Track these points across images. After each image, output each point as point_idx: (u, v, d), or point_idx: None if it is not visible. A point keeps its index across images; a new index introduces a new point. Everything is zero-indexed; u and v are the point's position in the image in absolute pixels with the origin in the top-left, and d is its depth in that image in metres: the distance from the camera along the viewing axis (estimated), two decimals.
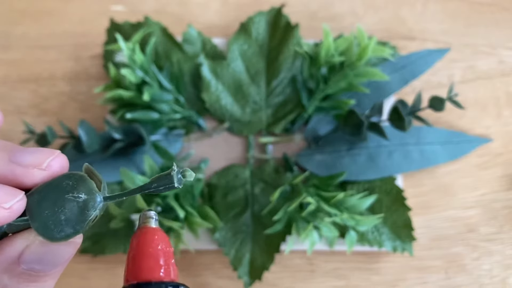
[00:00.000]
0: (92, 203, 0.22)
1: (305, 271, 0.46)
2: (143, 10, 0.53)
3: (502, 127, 0.49)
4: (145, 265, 0.23)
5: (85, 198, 0.22)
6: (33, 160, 0.22)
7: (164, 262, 0.23)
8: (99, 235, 0.44)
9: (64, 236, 0.22)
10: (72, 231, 0.22)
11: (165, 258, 0.23)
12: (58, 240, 0.22)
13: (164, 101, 0.45)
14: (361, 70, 0.43)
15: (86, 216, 0.22)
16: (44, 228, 0.22)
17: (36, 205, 0.22)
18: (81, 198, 0.22)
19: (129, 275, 0.23)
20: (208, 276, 0.45)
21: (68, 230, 0.22)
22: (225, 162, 0.48)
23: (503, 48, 0.52)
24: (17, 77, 0.51)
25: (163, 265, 0.23)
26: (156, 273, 0.23)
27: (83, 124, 0.42)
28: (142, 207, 0.40)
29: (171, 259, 0.23)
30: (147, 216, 0.24)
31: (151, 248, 0.23)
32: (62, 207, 0.22)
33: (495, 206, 0.47)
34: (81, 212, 0.22)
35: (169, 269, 0.23)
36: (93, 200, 0.22)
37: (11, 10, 0.54)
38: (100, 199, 0.22)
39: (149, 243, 0.23)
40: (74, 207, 0.22)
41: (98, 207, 0.22)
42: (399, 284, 0.45)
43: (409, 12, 0.54)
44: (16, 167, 0.22)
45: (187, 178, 0.22)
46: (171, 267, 0.23)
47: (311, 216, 0.40)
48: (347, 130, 0.44)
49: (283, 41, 0.48)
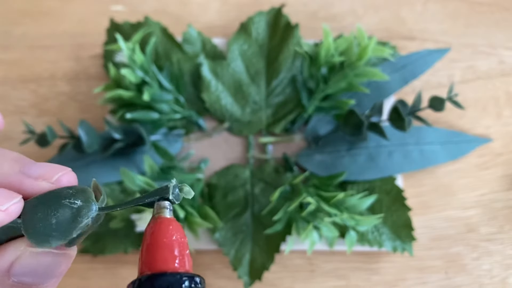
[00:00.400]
0: (86, 210, 0.21)
1: (305, 271, 0.46)
2: (143, 10, 0.53)
3: (502, 127, 0.49)
4: (159, 255, 0.22)
5: (80, 205, 0.21)
6: (43, 173, 0.22)
7: (179, 252, 0.22)
8: (99, 235, 0.44)
9: (51, 241, 0.21)
10: (60, 237, 0.21)
11: (180, 249, 0.23)
12: (43, 245, 0.21)
13: (164, 101, 0.45)
14: (361, 70, 0.43)
15: (77, 223, 0.21)
16: (33, 230, 0.21)
17: (31, 208, 0.22)
18: (77, 204, 0.22)
19: (144, 265, 0.22)
20: (208, 276, 0.45)
21: (56, 235, 0.21)
22: (225, 162, 0.48)
23: (503, 48, 0.52)
24: (17, 77, 0.51)
25: (178, 255, 0.22)
26: (171, 263, 0.22)
27: (83, 124, 0.42)
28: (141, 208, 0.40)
29: (185, 249, 0.23)
30: (161, 206, 0.23)
31: (166, 239, 0.22)
32: (55, 211, 0.21)
33: (495, 206, 0.47)
34: (74, 218, 0.21)
35: (184, 260, 0.22)
36: (88, 208, 0.21)
37: (11, 10, 0.54)
38: (96, 208, 0.22)
39: (164, 233, 0.23)
40: (67, 213, 0.21)
41: (91, 215, 0.22)
42: (399, 284, 0.45)
43: (409, 12, 0.54)
44: (25, 178, 0.22)
45: (185, 194, 0.22)
46: (186, 258, 0.23)
47: (311, 216, 0.40)
48: (347, 130, 0.44)
49: (283, 41, 0.48)
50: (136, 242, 0.44)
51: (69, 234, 0.21)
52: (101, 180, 0.45)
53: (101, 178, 0.45)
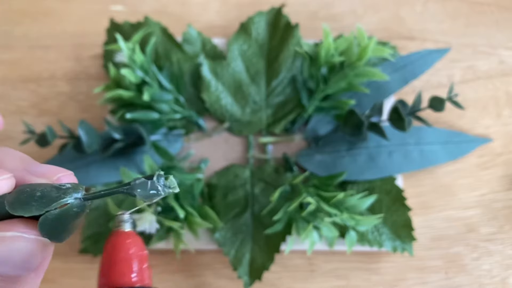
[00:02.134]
0: (72, 191, 0.22)
1: (305, 271, 0.46)
2: (143, 10, 0.53)
3: (502, 127, 0.49)
4: (117, 270, 0.22)
5: (69, 187, 0.22)
6: (46, 172, 0.23)
7: (137, 266, 0.23)
8: (99, 235, 0.44)
9: (27, 209, 0.21)
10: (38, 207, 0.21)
11: (138, 262, 0.23)
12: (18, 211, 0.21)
13: (164, 101, 0.45)
14: (361, 70, 0.43)
15: (59, 198, 0.21)
16: (14, 199, 0.21)
17: (22, 187, 0.22)
18: (65, 186, 0.22)
19: (101, 280, 0.22)
20: (208, 276, 0.45)
21: (36, 205, 0.21)
22: (225, 162, 0.48)
23: (503, 48, 0.52)
24: (17, 77, 0.51)
25: (136, 269, 0.22)
26: (127, 277, 0.22)
27: (83, 124, 0.42)
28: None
29: (144, 263, 0.23)
30: (119, 219, 0.23)
31: (123, 253, 0.23)
32: (44, 187, 0.22)
33: (495, 206, 0.47)
34: (58, 196, 0.21)
35: (142, 273, 0.23)
36: (75, 190, 0.22)
37: (11, 10, 0.54)
38: (81, 194, 0.22)
39: (121, 248, 0.23)
40: (54, 192, 0.21)
41: (76, 196, 0.21)
42: (399, 284, 0.45)
43: (409, 12, 0.54)
44: (29, 175, 0.23)
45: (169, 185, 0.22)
46: (145, 271, 0.23)
47: (311, 216, 0.40)
48: (347, 130, 0.44)
49: (283, 41, 0.48)
50: None
51: (48, 207, 0.21)
52: (101, 180, 0.45)
53: (101, 178, 0.45)
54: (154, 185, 0.21)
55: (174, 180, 0.22)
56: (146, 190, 0.21)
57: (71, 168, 0.23)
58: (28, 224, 0.22)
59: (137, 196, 0.21)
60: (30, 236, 0.21)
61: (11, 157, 0.23)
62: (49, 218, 0.21)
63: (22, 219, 0.22)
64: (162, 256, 0.45)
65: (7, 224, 0.21)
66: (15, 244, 0.21)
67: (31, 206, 0.21)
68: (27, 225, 0.21)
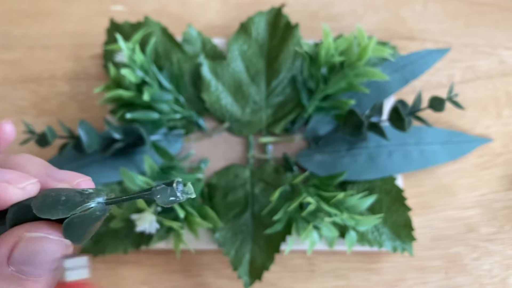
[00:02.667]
0: (95, 195, 0.23)
1: (305, 271, 0.46)
2: (143, 10, 0.53)
3: (502, 127, 0.49)
4: None
5: (91, 192, 0.23)
6: (66, 177, 0.24)
7: None
8: (99, 235, 0.44)
9: (54, 213, 0.22)
10: (64, 210, 0.22)
11: None
12: (46, 214, 0.22)
13: (164, 101, 0.45)
14: (361, 70, 0.43)
15: (83, 203, 0.22)
16: (41, 203, 0.22)
17: (47, 191, 0.23)
18: (88, 191, 0.23)
19: None
20: (208, 276, 0.45)
21: (62, 209, 0.22)
22: (225, 162, 0.48)
23: (503, 48, 0.52)
24: (17, 77, 0.51)
25: None
26: None
27: (83, 124, 0.42)
28: (142, 208, 0.40)
29: None
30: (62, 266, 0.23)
31: None
32: (68, 192, 0.23)
33: (495, 206, 0.47)
34: (82, 201, 0.22)
35: None
36: (98, 195, 0.23)
37: (11, 10, 0.54)
38: (104, 199, 0.23)
39: None
40: (77, 196, 0.22)
41: (99, 201, 0.23)
42: (399, 284, 0.45)
43: (409, 12, 0.54)
44: (50, 180, 0.24)
45: (187, 191, 0.23)
46: None
47: (311, 216, 0.40)
48: (347, 130, 0.44)
49: (283, 41, 0.48)
50: (136, 242, 0.44)
51: (73, 210, 0.22)
52: (101, 180, 0.45)
53: (101, 178, 0.45)
54: (173, 191, 0.22)
55: (191, 186, 0.23)
56: (166, 196, 0.23)
57: (71, 168, 0.23)
58: (52, 226, 0.22)
59: (156, 201, 0.22)
60: (54, 237, 0.22)
61: (34, 163, 0.25)
62: (73, 221, 0.22)
63: (47, 221, 0.22)
64: (162, 256, 0.45)
65: (33, 226, 0.22)
66: (40, 245, 0.22)
67: (58, 210, 0.22)
68: (52, 227, 0.22)
